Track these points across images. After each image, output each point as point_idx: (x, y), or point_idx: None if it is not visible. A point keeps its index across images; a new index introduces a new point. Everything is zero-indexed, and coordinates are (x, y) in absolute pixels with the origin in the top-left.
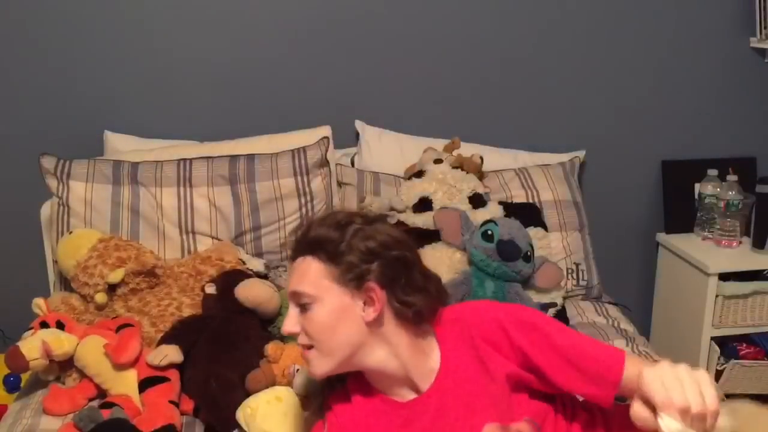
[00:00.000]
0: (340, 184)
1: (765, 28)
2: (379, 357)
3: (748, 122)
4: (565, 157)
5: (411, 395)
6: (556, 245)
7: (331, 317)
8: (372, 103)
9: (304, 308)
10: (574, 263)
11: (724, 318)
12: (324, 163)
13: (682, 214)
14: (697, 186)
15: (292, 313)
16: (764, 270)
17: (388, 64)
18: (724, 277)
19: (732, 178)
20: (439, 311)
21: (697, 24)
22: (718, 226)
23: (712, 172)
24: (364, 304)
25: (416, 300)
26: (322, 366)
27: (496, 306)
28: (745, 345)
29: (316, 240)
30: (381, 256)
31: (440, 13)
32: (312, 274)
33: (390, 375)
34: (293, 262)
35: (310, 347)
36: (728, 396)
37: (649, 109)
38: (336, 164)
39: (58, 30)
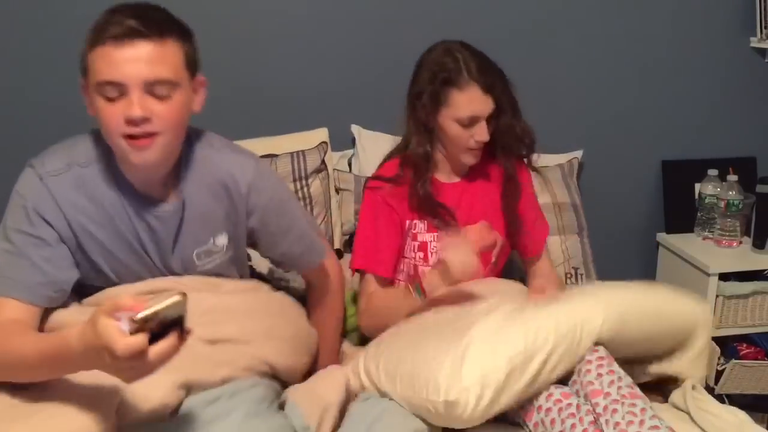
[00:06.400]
0: (337, 189)
1: (765, 28)
2: None
3: (748, 122)
4: (563, 158)
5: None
6: (554, 250)
7: None
8: (368, 106)
9: None
10: (573, 268)
11: (725, 318)
12: (322, 167)
13: (682, 214)
14: (697, 186)
15: None
16: (764, 270)
17: (385, 67)
18: (724, 277)
19: (732, 178)
20: None
21: (697, 24)
22: (719, 226)
23: (712, 172)
24: None
25: None
26: None
27: None
28: (745, 345)
29: None
30: None
31: (436, 16)
32: None
33: None
34: None
35: None
36: (728, 396)
37: (648, 109)
38: (333, 169)
39: (45, 35)
